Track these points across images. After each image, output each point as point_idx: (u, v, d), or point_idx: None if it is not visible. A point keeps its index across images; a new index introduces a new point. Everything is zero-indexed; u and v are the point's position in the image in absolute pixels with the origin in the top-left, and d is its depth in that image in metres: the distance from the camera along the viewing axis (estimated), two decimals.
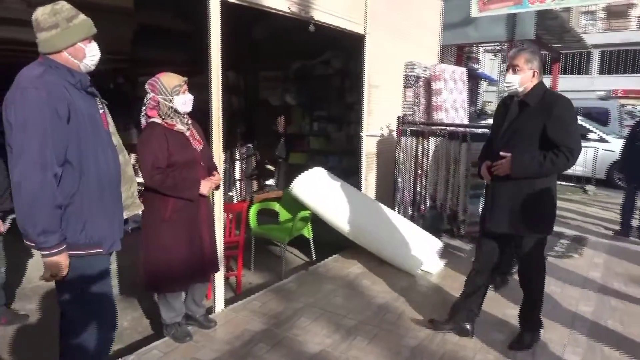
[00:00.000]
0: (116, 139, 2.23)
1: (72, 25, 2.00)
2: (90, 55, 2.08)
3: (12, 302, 3.79)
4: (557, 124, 2.69)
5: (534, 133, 2.75)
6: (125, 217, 2.28)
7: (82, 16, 2.06)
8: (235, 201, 7.54)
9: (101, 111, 2.15)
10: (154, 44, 5.07)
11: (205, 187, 2.83)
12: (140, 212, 2.42)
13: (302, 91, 6.80)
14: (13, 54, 4.33)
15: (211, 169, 2.97)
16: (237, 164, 7.56)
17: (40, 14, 1.97)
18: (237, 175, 7.57)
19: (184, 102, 2.75)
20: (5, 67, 3.27)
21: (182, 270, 2.77)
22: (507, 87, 2.88)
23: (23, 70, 1.96)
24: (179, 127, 2.76)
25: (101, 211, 2.07)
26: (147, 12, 4.94)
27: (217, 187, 3.05)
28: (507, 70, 2.89)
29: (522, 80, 2.80)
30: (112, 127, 2.22)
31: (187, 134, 2.80)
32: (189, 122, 2.86)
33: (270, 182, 7.53)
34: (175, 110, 2.73)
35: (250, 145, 7.66)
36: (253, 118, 7.52)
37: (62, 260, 1.94)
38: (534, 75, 2.81)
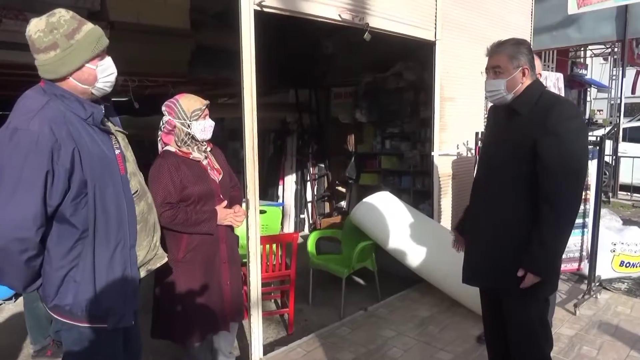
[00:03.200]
0: (136, 182, 1.84)
1: (74, 43, 1.59)
2: (103, 76, 1.68)
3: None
4: (552, 142, 1.87)
5: (521, 157, 1.94)
6: (145, 274, 1.89)
7: (86, 27, 1.64)
8: (306, 224, 7.23)
9: (117, 152, 1.76)
10: (211, 64, 4.92)
11: (222, 214, 2.41)
12: (163, 263, 2.00)
13: (372, 107, 6.32)
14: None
15: (234, 200, 2.57)
16: (309, 185, 7.25)
17: (34, 30, 1.57)
18: (309, 197, 7.26)
19: (203, 128, 2.39)
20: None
21: (198, 319, 2.38)
22: (490, 96, 2.10)
23: (22, 98, 1.61)
24: (195, 155, 2.41)
25: (109, 277, 1.69)
26: (204, 33, 4.80)
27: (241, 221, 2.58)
28: (486, 73, 2.11)
29: (509, 84, 2.02)
30: (131, 167, 1.84)
31: (205, 162, 2.44)
32: (208, 149, 2.50)
33: (342, 204, 7.10)
34: (193, 137, 2.40)
35: (322, 165, 7.32)
36: (324, 137, 7.19)
37: None
38: (524, 74, 2.02)
